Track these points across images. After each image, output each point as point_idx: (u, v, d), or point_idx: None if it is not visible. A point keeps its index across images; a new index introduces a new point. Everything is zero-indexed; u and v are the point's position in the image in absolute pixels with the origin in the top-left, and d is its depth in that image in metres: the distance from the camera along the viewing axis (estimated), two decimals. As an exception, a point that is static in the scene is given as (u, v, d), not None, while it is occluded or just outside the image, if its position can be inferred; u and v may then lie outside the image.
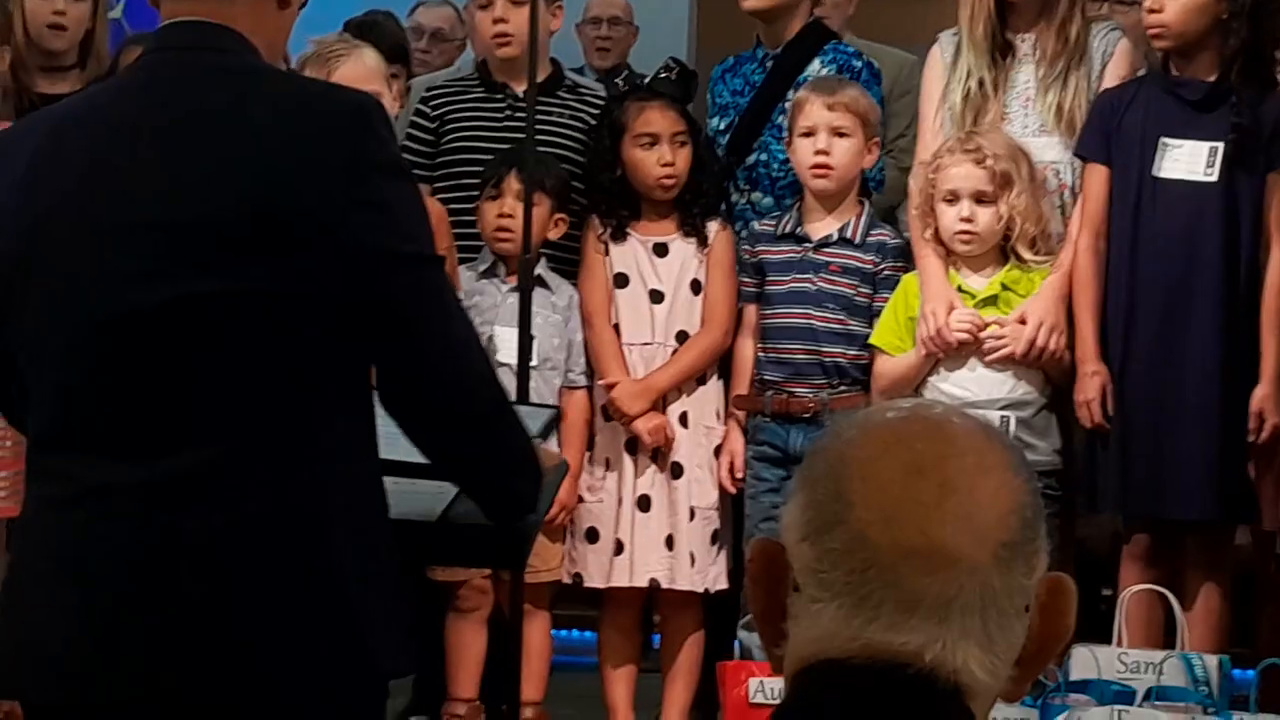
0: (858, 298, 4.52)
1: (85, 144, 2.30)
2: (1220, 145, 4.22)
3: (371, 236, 2.23)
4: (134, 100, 2.32)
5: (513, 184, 4.51)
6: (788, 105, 4.69)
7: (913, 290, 4.42)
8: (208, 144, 2.25)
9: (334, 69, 4.47)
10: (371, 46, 4.61)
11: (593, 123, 4.76)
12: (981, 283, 4.37)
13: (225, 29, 2.34)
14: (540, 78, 4.65)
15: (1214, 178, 4.23)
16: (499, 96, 4.79)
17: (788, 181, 4.73)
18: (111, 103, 2.36)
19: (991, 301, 4.36)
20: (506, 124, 4.74)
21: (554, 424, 2.82)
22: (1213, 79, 4.27)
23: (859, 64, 4.81)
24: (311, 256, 2.21)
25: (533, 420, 2.69)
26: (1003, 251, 4.36)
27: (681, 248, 4.62)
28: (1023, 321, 4.30)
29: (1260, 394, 4.17)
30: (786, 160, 4.69)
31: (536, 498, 2.48)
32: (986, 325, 4.31)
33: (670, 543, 4.54)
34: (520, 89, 4.74)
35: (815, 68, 4.76)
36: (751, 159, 4.74)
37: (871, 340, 4.45)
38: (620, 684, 4.61)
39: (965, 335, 4.30)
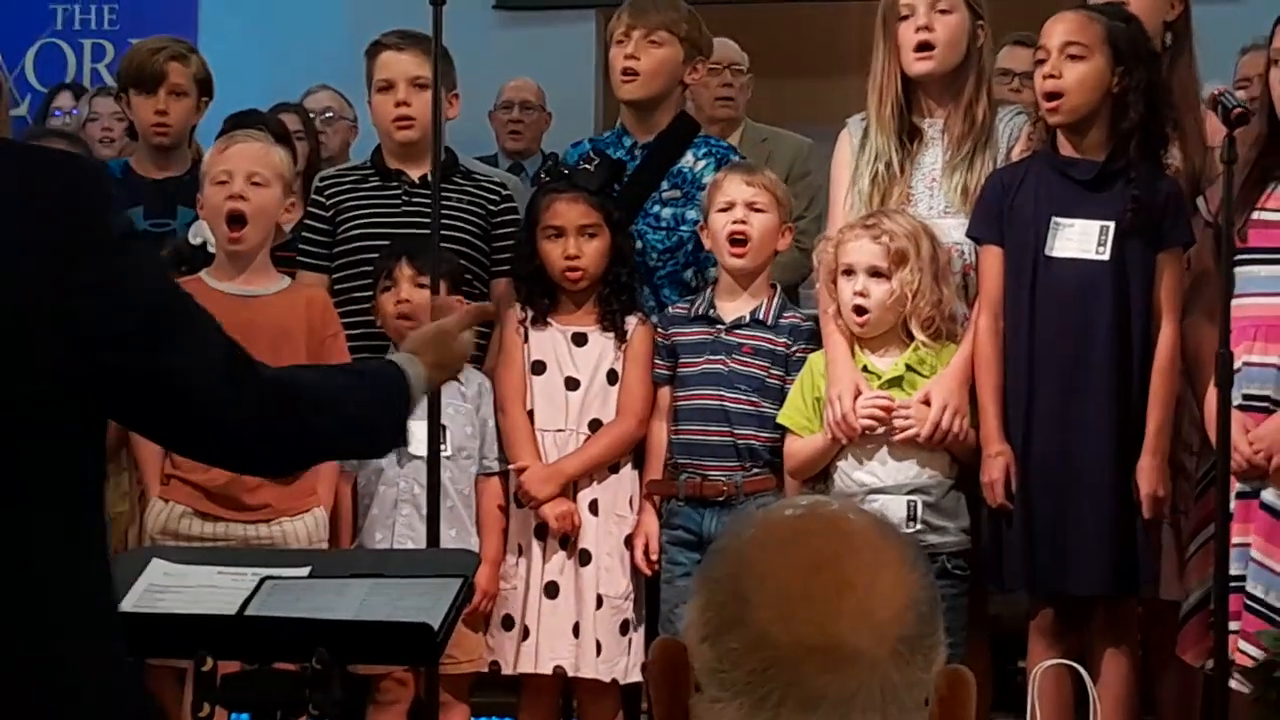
0: (770, 379, 4.54)
1: None
2: (1111, 224, 4.28)
3: (104, 324, 2.09)
4: None
5: (405, 270, 4.52)
6: (664, 195, 4.74)
7: (818, 369, 4.44)
8: None
9: (234, 143, 4.50)
10: (285, 150, 4.63)
11: (490, 208, 4.78)
12: (886, 363, 4.39)
13: None
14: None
15: (1105, 256, 4.27)
16: (394, 184, 4.80)
17: (666, 271, 4.76)
18: None
19: (896, 383, 4.37)
20: (403, 211, 4.75)
21: (463, 596, 2.77)
22: (1102, 158, 4.32)
23: (735, 156, 4.87)
24: (38, 348, 2.06)
25: (439, 598, 2.68)
26: (908, 332, 4.40)
27: (600, 339, 4.64)
28: (926, 403, 4.33)
29: (1140, 466, 4.22)
30: (665, 250, 4.73)
31: (389, 426, 2.41)
32: (894, 408, 4.33)
33: (577, 630, 4.53)
34: (416, 175, 4.76)
35: (689, 159, 4.81)
36: None
37: (779, 419, 4.47)
38: (539, 773, 4.59)
39: (871, 421, 4.33)
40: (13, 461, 2.07)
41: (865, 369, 4.38)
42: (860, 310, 4.33)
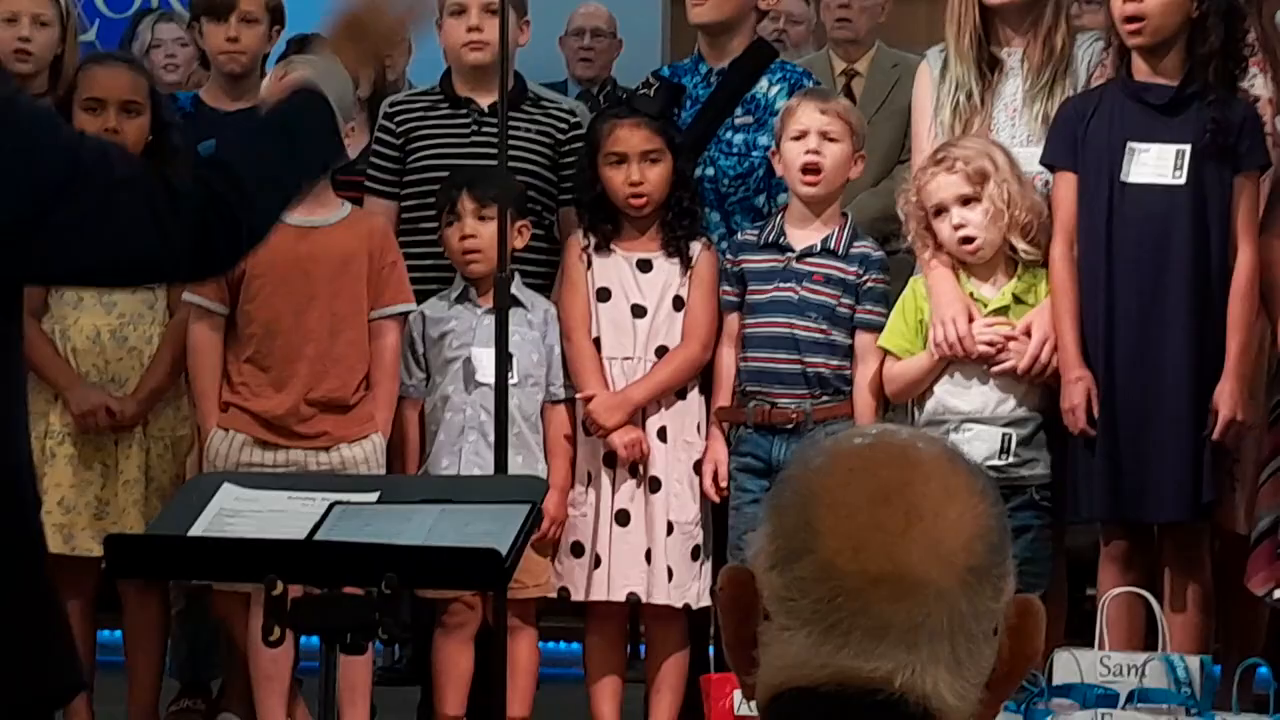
0: (840, 308, 4.53)
1: None
2: (1187, 148, 4.25)
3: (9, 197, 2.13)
4: None
5: (467, 203, 4.52)
6: (737, 122, 4.73)
7: (921, 292, 4.43)
8: None
9: (291, 69, 4.50)
10: None
11: (559, 136, 4.78)
12: (993, 292, 4.40)
13: None
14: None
15: (1182, 180, 4.25)
16: (464, 112, 4.79)
17: (738, 198, 4.75)
18: None
19: (1003, 311, 4.38)
20: (473, 140, 4.75)
21: (531, 522, 2.77)
22: (1176, 82, 4.29)
23: (809, 83, 4.84)
24: None
25: (507, 524, 2.68)
26: (1011, 259, 4.38)
27: (665, 265, 4.63)
28: (1027, 334, 4.33)
29: (1220, 389, 4.20)
30: (736, 176, 4.72)
31: (325, 152, 2.42)
32: (1012, 340, 4.32)
33: (649, 557, 4.55)
34: (486, 103, 4.74)
35: (764, 86, 4.79)
36: (696, 174, 4.75)
37: (881, 343, 4.46)
38: (606, 698, 4.61)
39: (988, 348, 4.32)
40: None
41: (971, 295, 4.38)
42: (967, 240, 4.31)
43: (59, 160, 2.19)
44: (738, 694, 4.01)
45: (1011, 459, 4.30)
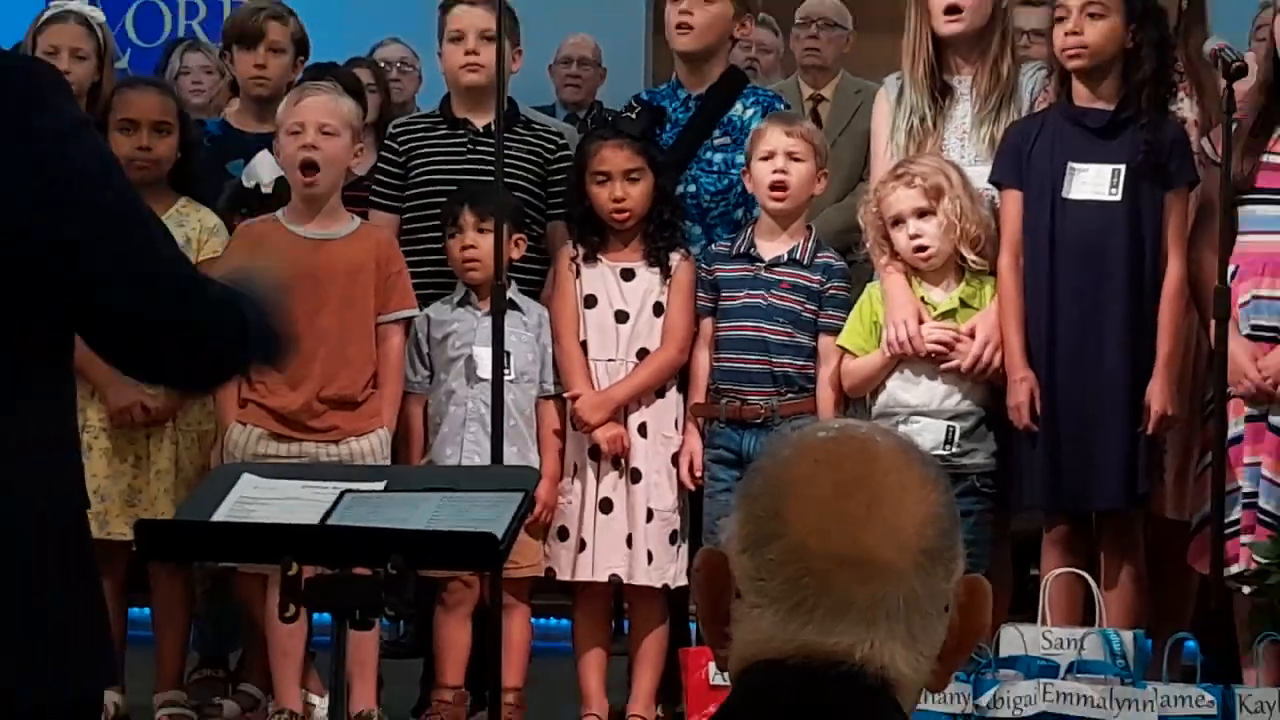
0: (805, 313, 4.56)
1: None
2: (1123, 168, 4.29)
3: (59, 232, 1.94)
4: None
5: (468, 217, 4.55)
6: (716, 142, 4.74)
7: (877, 296, 4.47)
8: None
9: (305, 95, 4.52)
10: (352, 100, 4.65)
11: (548, 156, 4.79)
12: (942, 296, 4.42)
13: None
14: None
15: (1118, 197, 4.29)
16: (460, 132, 4.81)
17: (718, 212, 4.77)
18: None
19: (950, 314, 4.40)
20: (468, 158, 4.76)
21: (524, 508, 2.76)
22: (1113, 107, 4.32)
23: (780, 105, 4.86)
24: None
25: (503, 510, 2.68)
26: (960, 267, 4.40)
27: (646, 274, 4.65)
28: (972, 335, 4.35)
29: (1151, 388, 4.23)
30: (716, 193, 4.74)
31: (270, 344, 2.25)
32: (958, 341, 4.34)
33: (630, 541, 4.56)
34: (481, 124, 4.76)
35: (739, 109, 4.81)
36: (679, 191, 4.77)
37: (839, 342, 4.49)
38: (592, 670, 4.62)
39: (937, 347, 4.34)
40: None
41: (922, 299, 4.40)
42: (921, 249, 4.33)
43: (122, 187, 2.04)
44: (713, 666, 4.02)
45: (955, 449, 4.33)
